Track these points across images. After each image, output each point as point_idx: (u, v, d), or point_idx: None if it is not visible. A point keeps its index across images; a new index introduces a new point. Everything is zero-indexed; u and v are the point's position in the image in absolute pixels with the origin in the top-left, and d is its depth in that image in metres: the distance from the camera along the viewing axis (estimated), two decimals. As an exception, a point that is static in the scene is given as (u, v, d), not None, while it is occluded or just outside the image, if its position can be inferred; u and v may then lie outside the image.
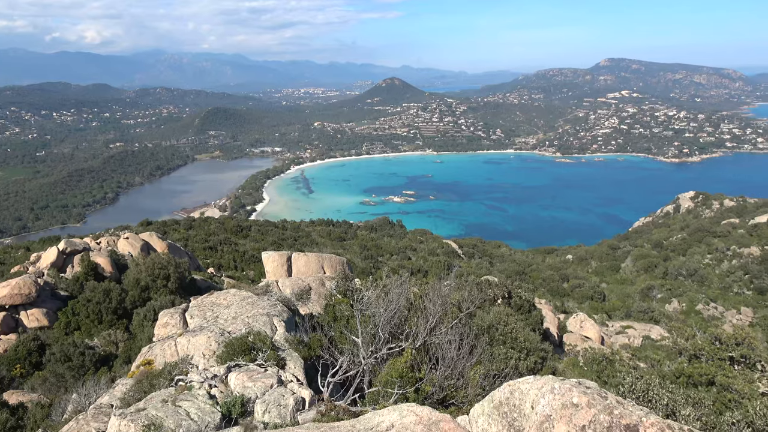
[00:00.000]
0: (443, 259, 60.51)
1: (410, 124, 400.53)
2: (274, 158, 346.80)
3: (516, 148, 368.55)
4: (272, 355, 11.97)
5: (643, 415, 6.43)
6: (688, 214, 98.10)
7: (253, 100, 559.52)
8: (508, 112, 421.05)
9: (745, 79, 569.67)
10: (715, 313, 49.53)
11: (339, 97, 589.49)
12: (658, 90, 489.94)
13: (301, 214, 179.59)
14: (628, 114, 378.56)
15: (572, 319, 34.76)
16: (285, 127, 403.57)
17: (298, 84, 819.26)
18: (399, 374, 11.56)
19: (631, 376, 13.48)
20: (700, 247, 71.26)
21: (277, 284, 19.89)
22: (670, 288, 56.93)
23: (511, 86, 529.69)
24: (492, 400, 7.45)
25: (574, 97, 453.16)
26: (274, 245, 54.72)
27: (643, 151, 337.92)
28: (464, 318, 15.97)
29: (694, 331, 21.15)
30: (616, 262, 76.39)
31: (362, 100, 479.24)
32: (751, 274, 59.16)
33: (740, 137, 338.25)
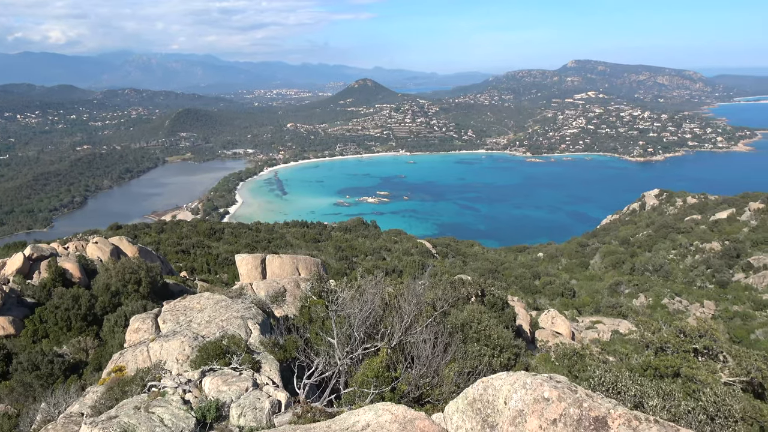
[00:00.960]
0: (417, 259, 60.84)
1: (383, 125, 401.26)
2: (247, 160, 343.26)
3: (487, 148, 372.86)
4: (247, 359, 11.93)
5: (611, 407, 6.62)
6: (653, 211, 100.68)
7: (225, 102, 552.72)
8: (479, 113, 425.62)
9: (705, 81, 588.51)
10: (679, 306, 51.04)
11: (312, 98, 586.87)
12: (623, 91, 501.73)
13: (275, 215, 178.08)
14: (595, 114, 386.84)
15: (544, 316, 35.40)
16: (257, 129, 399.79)
17: (271, 85, 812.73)
18: (375, 374, 11.66)
19: (600, 370, 13.86)
20: (665, 243, 73.26)
21: (251, 287, 19.78)
22: (637, 283, 58.41)
23: (481, 87, 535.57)
24: (466, 397, 7.59)
25: (543, 97, 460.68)
26: (248, 248, 54.20)
27: (610, 150, 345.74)
28: (439, 317, 16.17)
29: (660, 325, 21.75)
30: (585, 259, 77.96)
31: (335, 101, 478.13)
32: (713, 268, 61.12)
33: (701, 136, 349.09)
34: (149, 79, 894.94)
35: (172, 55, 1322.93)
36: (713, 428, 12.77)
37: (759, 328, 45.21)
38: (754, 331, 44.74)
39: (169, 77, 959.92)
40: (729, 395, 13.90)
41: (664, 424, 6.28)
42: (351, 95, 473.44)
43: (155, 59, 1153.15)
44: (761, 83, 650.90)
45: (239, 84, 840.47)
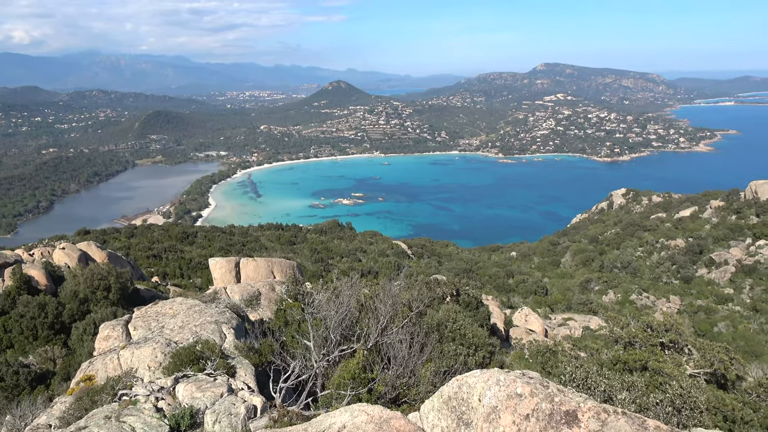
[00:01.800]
0: (393, 260, 60.98)
1: (357, 126, 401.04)
2: (220, 162, 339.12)
3: (460, 150, 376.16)
4: (221, 364, 11.84)
5: (581, 401, 6.81)
6: (620, 210, 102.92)
7: (197, 103, 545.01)
8: (452, 115, 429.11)
9: (668, 83, 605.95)
10: (647, 302, 52.35)
11: (285, 100, 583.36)
12: (590, 93, 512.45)
13: (249, 218, 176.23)
14: (564, 116, 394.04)
15: (518, 314, 35.88)
16: (230, 131, 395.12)
17: (243, 87, 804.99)
18: (351, 376, 11.70)
19: (571, 366, 14.16)
20: (632, 240, 74.98)
21: (225, 291, 19.59)
22: (606, 280, 59.64)
23: (454, 89, 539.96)
24: (441, 396, 7.70)
25: (514, 99, 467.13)
26: (222, 251, 53.59)
27: (579, 151, 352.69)
28: (414, 317, 16.29)
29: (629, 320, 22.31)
30: (557, 257, 79.26)
31: (309, 102, 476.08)
32: (678, 264, 62.85)
33: (665, 137, 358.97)
34: (118, 80, 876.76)
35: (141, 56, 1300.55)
36: (680, 419, 13.16)
37: (721, 322, 46.68)
38: (716, 324, 46.16)
39: (138, 79, 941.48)
40: (694, 388, 14.34)
41: (631, 416, 6.48)
42: (325, 97, 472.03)
43: (124, 60, 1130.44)
44: (719, 86, 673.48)
45: (211, 85, 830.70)
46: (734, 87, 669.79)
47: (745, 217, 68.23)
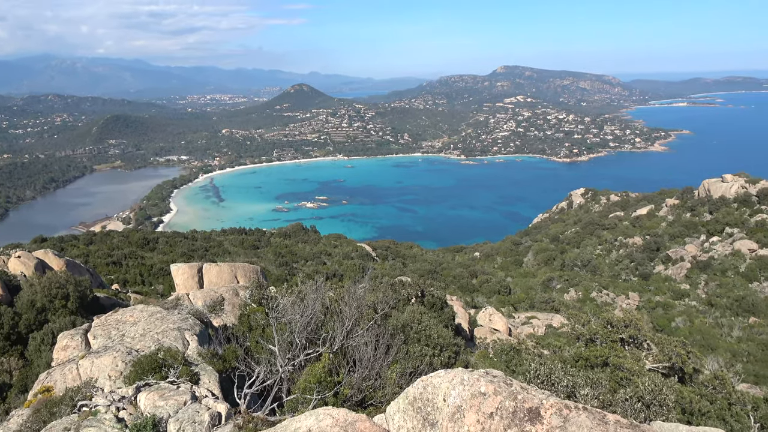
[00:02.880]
0: (358, 263, 60.94)
1: (320, 129, 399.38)
2: (181, 167, 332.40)
3: (423, 152, 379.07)
4: (185, 371, 11.61)
5: (544, 397, 6.94)
6: (579, 209, 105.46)
7: (157, 107, 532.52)
8: (414, 117, 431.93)
9: (623, 85, 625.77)
10: (607, 299, 53.76)
11: (247, 104, 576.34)
12: (548, 95, 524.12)
13: (212, 223, 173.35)
14: (524, 118, 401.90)
15: (482, 314, 36.30)
16: (191, 135, 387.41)
17: (204, 90, 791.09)
18: (317, 379, 11.65)
19: (535, 363, 14.42)
20: (592, 239, 76.94)
21: (188, 297, 19.20)
22: (568, 278, 60.96)
23: (416, 92, 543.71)
24: (407, 397, 7.73)
25: (475, 102, 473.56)
26: (184, 257, 52.50)
27: (539, 152, 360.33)
28: (380, 319, 16.32)
29: (590, 317, 22.81)
30: (519, 256, 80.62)
31: (271, 106, 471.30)
32: (636, 261, 64.83)
33: (621, 138, 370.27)
34: (74, 84, 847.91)
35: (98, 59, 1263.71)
36: (647, 415, 13.54)
37: (678, 317, 48.30)
38: (674, 319, 47.74)
39: (95, 82, 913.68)
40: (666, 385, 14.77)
41: (592, 411, 6.63)
42: (287, 100, 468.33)
43: (80, 63, 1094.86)
44: (672, 87, 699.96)
45: (171, 89, 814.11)
46: (686, 88, 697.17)
47: (699, 215, 70.86)
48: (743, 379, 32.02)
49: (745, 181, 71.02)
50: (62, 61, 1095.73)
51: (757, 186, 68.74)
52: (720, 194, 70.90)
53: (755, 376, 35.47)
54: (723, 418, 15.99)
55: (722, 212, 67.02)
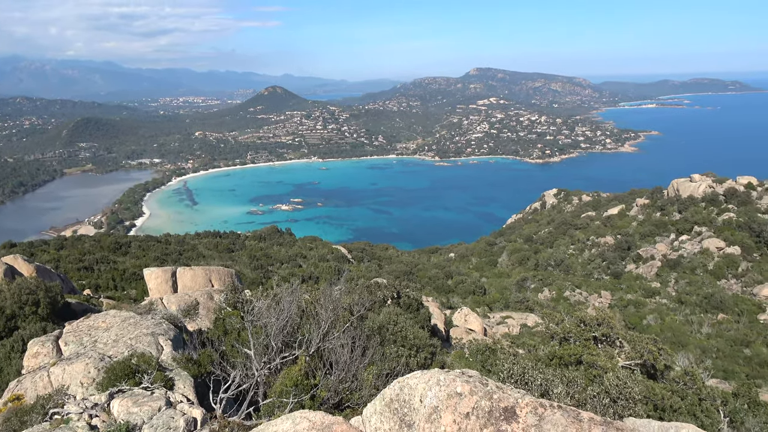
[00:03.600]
0: (333, 265, 60.71)
1: (294, 132, 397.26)
2: (154, 170, 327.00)
3: (398, 154, 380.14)
4: (159, 377, 11.42)
5: (519, 396, 7.01)
6: (552, 209, 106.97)
7: (128, 110, 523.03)
8: (388, 119, 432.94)
9: (593, 87, 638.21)
10: (580, 298, 54.65)
11: (220, 106, 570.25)
12: (521, 97, 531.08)
13: (186, 226, 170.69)
14: (497, 119, 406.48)
15: (457, 314, 36.54)
16: (164, 138, 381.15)
17: (177, 93, 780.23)
18: (294, 383, 11.59)
19: (509, 362, 14.59)
20: (565, 239, 78.14)
21: (161, 301, 18.89)
22: (542, 278, 61.77)
23: (390, 94, 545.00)
24: (383, 398, 7.73)
25: (449, 104, 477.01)
26: (158, 261, 51.57)
27: (512, 153, 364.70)
28: (356, 321, 16.31)
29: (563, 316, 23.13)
30: (494, 257, 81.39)
31: (245, 108, 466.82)
32: (608, 260, 66.06)
33: (592, 139, 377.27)
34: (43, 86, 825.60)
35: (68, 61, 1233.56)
36: (615, 409, 13.80)
37: (649, 314, 49.37)
38: (645, 317, 48.77)
39: (65, 85, 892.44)
40: (630, 379, 15.06)
41: (566, 409, 6.73)
42: (261, 102, 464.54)
43: (49, 66, 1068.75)
44: (641, 89, 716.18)
45: (143, 91, 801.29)
46: (655, 90, 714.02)
47: (668, 214, 72.55)
48: (713, 374, 32.90)
49: (712, 181, 73.02)
50: (31, 63, 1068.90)
51: (724, 185, 70.75)
52: (688, 194, 72.74)
53: (724, 372, 36.49)
54: (694, 413, 16.37)
55: (691, 211, 68.77)
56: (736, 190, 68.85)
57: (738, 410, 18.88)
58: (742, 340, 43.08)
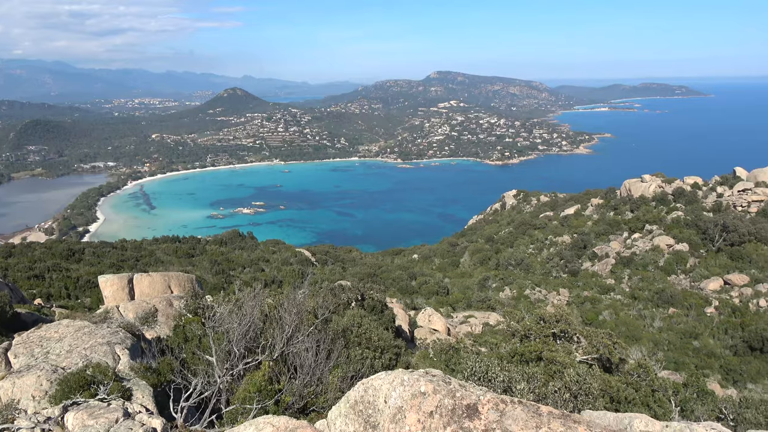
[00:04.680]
0: (297, 268, 60.22)
1: (256, 134, 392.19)
2: (108, 174, 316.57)
3: (360, 156, 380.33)
4: (116, 387, 11.11)
5: (481, 394, 7.14)
6: (512, 210, 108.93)
7: (81, 112, 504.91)
8: (350, 122, 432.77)
9: (550, 91, 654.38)
10: (539, 296, 55.83)
11: (178, 108, 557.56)
12: (480, 100, 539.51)
13: (143, 232, 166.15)
14: (458, 122, 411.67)
15: (421, 315, 36.78)
16: (119, 140, 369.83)
17: (132, 94, 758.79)
18: (257, 388, 11.47)
19: (472, 361, 14.82)
20: (524, 238, 79.69)
21: (118, 310, 18.35)
22: (503, 277, 62.82)
23: (352, 96, 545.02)
24: (348, 401, 7.75)
25: (410, 106, 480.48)
26: (113, 268, 49.99)
27: (472, 155, 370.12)
28: (320, 324, 16.26)
29: (523, 314, 23.64)
30: (456, 257, 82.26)
31: (204, 110, 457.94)
32: (565, 259, 67.73)
33: (549, 141, 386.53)
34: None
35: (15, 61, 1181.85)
36: (576, 404, 14.18)
37: (605, 310, 50.84)
38: (601, 313, 50.19)
39: (12, 85, 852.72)
40: (589, 374, 15.51)
41: (527, 404, 6.89)
42: (221, 104, 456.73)
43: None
44: (594, 93, 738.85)
45: (96, 93, 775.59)
46: (607, 94, 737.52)
47: (621, 213, 74.93)
48: (664, 366, 34.17)
49: (661, 181, 75.85)
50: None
51: (673, 185, 73.61)
52: (640, 193, 75.33)
53: (675, 363, 37.95)
54: (647, 404, 16.95)
55: (642, 210, 71.25)
56: (684, 189, 71.76)
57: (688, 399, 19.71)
58: (691, 333, 44.92)
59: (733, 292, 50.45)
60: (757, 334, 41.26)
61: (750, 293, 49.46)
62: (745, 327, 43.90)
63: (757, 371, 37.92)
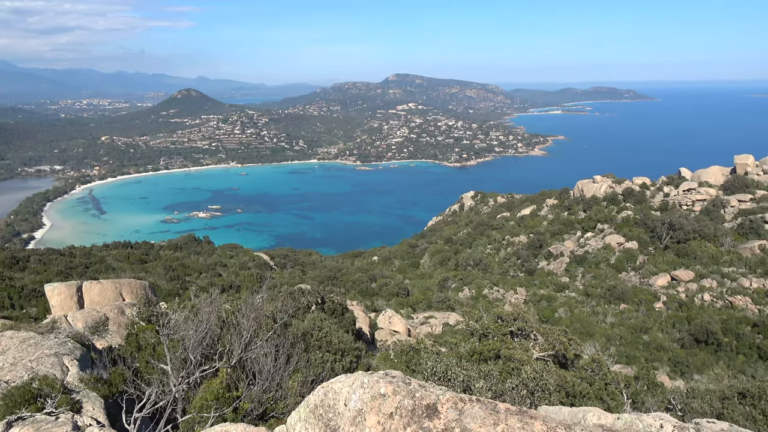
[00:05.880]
0: (255, 272, 59.30)
1: (211, 136, 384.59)
2: (55, 178, 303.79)
3: (319, 158, 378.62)
4: (64, 400, 10.66)
5: (440, 393, 7.20)
6: (470, 211, 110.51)
7: (24, 113, 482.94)
8: (309, 124, 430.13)
9: (505, 94, 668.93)
10: (498, 295, 56.78)
11: (129, 109, 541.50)
12: (438, 102, 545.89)
13: (93, 238, 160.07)
14: (416, 124, 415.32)
15: (382, 316, 36.81)
16: (66, 143, 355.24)
17: (80, 95, 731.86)
18: (214, 396, 11.23)
19: (432, 361, 14.94)
20: (482, 239, 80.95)
21: (66, 319, 17.61)
22: (462, 278, 63.57)
23: (310, 98, 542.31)
24: (308, 405, 7.69)
25: (369, 109, 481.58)
26: (61, 275, 47.90)
27: (431, 157, 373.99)
28: (279, 329, 16.05)
29: (482, 313, 23.95)
30: (416, 258, 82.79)
31: (156, 112, 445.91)
32: (522, 258, 69.15)
33: (505, 143, 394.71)
34: None
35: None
36: (533, 401, 14.48)
37: (560, 308, 52.11)
38: (557, 310, 51.42)
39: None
40: (545, 371, 15.85)
41: (485, 402, 6.99)
42: (174, 106, 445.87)
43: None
44: (548, 96, 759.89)
45: (41, 93, 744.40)
46: (560, 97, 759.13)
47: (574, 213, 77.04)
48: (617, 360, 35.34)
49: (612, 182, 78.47)
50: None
51: (622, 186, 76.25)
52: (592, 194, 77.70)
53: (626, 357, 39.27)
54: (601, 397, 17.46)
55: (594, 210, 73.52)
56: (633, 189, 74.45)
57: (639, 392, 20.42)
58: (641, 328, 46.60)
59: (679, 288, 52.62)
60: (702, 327, 43.16)
61: (695, 288, 51.71)
62: (691, 321, 45.87)
63: (703, 362, 39.67)
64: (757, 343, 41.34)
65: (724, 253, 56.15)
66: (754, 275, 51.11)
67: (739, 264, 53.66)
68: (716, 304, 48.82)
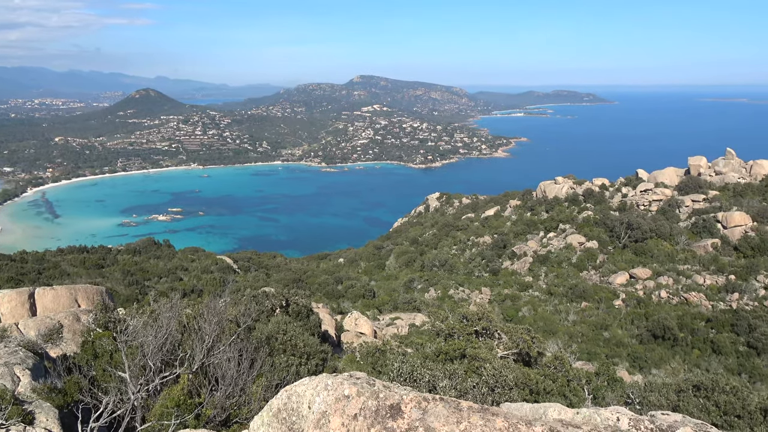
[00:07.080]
0: (218, 276, 58.37)
1: (171, 137, 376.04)
2: (4, 180, 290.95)
3: (283, 160, 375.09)
4: (15, 411, 10.21)
5: (404, 393, 7.21)
6: (436, 212, 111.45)
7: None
8: (273, 125, 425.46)
9: (470, 96, 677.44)
10: (463, 295, 57.39)
11: (84, 109, 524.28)
12: (403, 104, 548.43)
13: (46, 242, 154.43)
14: (381, 126, 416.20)
15: (348, 319, 36.73)
16: (16, 144, 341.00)
17: (31, 94, 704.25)
18: (175, 403, 10.96)
19: (398, 362, 14.97)
20: (448, 240, 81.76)
21: (17, 327, 16.90)
22: (427, 278, 64.05)
23: (273, 99, 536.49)
24: (271, 409, 7.59)
25: (334, 110, 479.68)
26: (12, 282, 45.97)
27: (396, 158, 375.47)
28: (243, 333, 15.80)
29: (447, 314, 24.14)
30: (382, 260, 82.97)
31: (113, 112, 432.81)
32: (487, 259, 70.14)
33: (469, 145, 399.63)
34: None
35: None
36: (494, 397, 14.65)
37: (524, 306, 53.08)
38: (520, 309, 52.34)
39: None
40: (504, 367, 16.07)
41: (448, 401, 7.04)
42: (132, 106, 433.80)
43: None
44: (511, 99, 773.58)
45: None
46: (522, 100, 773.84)
47: (537, 213, 78.59)
48: (578, 357, 36.19)
49: (573, 183, 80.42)
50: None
51: (583, 187, 78.23)
52: (554, 195, 79.43)
53: (588, 354, 40.26)
54: (563, 393, 17.83)
55: (556, 210, 75.17)
56: (593, 190, 76.47)
57: (600, 387, 20.97)
58: (601, 325, 47.88)
59: (638, 285, 54.30)
60: (660, 324, 44.65)
61: (652, 285, 53.46)
62: (649, 317, 47.40)
63: (660, 357, 41.04)
64: (710, 337, 43.04)
65: (680, 251, 58.25)
66: (708, 272, 53.22)
67: (694, 262, 55.76)
68: (672, 301, 50.60)
